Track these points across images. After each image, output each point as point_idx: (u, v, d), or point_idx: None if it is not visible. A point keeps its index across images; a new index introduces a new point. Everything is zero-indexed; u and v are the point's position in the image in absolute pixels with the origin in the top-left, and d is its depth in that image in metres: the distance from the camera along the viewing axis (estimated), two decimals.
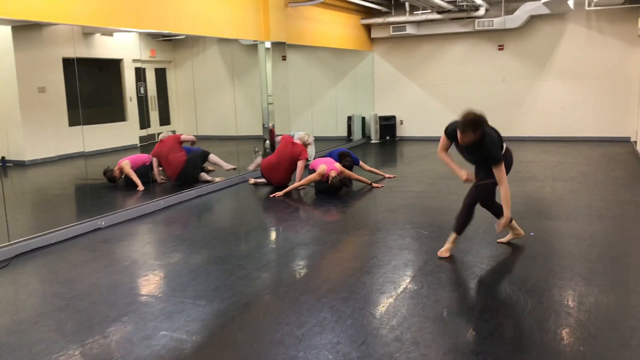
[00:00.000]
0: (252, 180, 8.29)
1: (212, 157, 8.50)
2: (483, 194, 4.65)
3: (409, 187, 7.72)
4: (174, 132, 8.52)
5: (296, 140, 7.94)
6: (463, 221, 4.67)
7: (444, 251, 4.69)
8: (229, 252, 5.03)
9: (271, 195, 7.25)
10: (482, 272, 4.34)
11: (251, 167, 8.60)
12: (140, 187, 7.77)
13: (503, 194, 4.48)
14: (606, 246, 4.94)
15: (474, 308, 3.69)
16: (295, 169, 7.71)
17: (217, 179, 8.19)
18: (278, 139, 8.24)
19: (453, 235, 4.71)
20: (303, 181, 7.43)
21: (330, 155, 8.45)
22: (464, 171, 4.62)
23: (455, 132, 4.43)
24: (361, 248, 5.14)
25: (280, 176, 7.72)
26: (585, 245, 4.94)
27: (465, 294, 3.94)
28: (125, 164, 8.04)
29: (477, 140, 4.35)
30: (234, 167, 8.63)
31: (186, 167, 8.08)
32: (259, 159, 8.35)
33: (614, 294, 3.82)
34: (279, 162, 7.73)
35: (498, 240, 4.94)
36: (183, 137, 8.31)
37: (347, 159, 8.14)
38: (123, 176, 8.06)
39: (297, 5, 9.82)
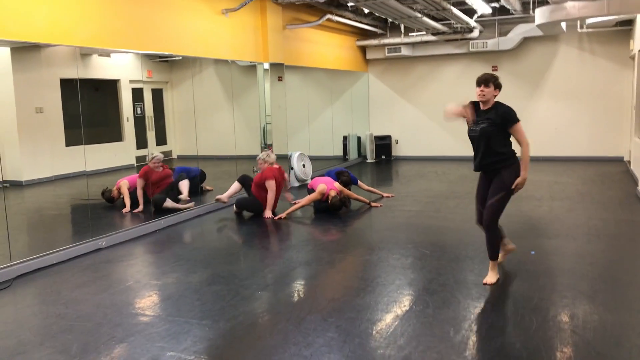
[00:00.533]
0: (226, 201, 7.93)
1: (168, 202, 7.65)
2: (496, 212, 4.49)
3: (407, 207, 7.76)
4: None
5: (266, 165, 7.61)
6: (492, 245, 4.55)
7: (488, 278, 4.52)
8: (231, 272, 5.03)
9: (275, 218, 7.23)
10: (486, 290, 4.36)
11: (225, 197, 7.79)
12: (126, 210, 7.74)
13: (524, 153, 4.44)
14: (607, 265, 4.98)
15: (480, 327, 3.71)
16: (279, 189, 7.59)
17: (187, 206, 7.80)
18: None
19: (491, 263, 4.57)
20: (304, 201, 7.43)
21: (328, 174, 8.49)
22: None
23: (476, 104, 4.56)
24: (364, 267, 5.16)
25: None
26: (586, 263, 4.98)
27: (471, 312, 3.96)
28: (124, 183, 8.04)
29: (493, 102, 4.52)
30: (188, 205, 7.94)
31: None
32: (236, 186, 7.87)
33: (618, 312, 3.85)
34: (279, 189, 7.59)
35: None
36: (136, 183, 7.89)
37: (344, 175, 8.18)
38: (121, 196, 8.05)
39: (295, 27, 9.94)
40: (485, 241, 4.58)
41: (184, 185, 8.32)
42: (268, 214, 7.32)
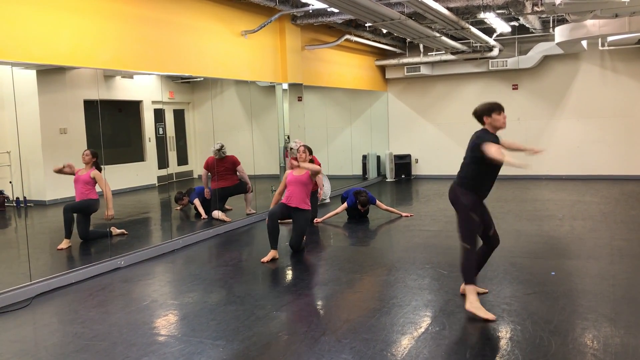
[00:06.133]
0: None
1: (249, 195, 8.83)
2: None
3: (426, 226, 7.70)
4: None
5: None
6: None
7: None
8: (247, 292, 5.02)
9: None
10: (504, 312, 4.29)
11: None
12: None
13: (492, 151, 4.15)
14: (629, 286, 4.86)
15: (497, 349, 3.64)
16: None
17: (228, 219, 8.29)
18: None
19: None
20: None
21: (346, 193, 8.50)
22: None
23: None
24: (380, 288, 5.11)
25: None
26: (608, 285, 4.86)
27: (488, 334, 3.89)
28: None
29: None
30: (253, 211, 8.81)
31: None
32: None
33: None
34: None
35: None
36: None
37: (362, 195, 8.17)
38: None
39: (314, 48, 10.03)
40: (484, 260, 4.65)
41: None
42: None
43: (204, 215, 8.49)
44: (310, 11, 8.73)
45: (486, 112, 4.40)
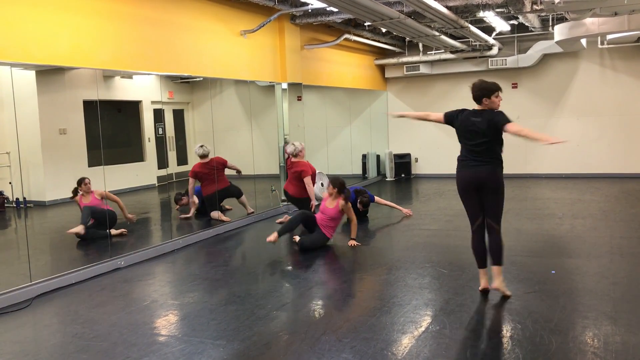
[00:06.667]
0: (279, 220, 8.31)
1: (243, 199, 8.75)
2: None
3: (426, 225, 7.70)
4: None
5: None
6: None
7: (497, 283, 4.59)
8: (247, 292, 5.02)
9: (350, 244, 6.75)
10: (504, 311, 4.29)
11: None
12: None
13: (525, 130, 4.45)
14: (630, 284, 4.86)
15: (497, 348, 3.64)
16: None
17: (227, 219, 8.31)
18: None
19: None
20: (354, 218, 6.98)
21: None
22: None
23: (461, 114, 4.73)
24: (380, 287, 5.11)
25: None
26: (608, 283, 4.86)
27: (488, 333, 3.89)
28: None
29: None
30: (253, 210, 8.78)
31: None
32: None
33: None
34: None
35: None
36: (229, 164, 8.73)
37: (364, 195, 8.17)
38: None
39: (313, 47, 10.02)
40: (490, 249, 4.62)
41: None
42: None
43: (192, 210, 8.56)
44: (310, 10, 8.73)
45: (490, 93, 4.51)
